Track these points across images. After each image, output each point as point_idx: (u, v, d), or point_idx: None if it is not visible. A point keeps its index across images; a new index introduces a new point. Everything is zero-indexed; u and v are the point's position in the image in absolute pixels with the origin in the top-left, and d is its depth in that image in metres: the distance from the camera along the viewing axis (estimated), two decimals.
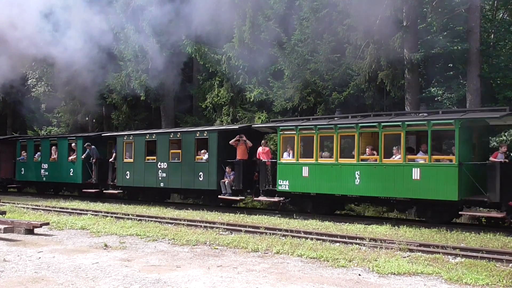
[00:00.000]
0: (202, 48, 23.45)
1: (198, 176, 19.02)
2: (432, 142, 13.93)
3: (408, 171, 14.13)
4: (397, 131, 14.49)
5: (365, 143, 15.34)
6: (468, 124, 13.82)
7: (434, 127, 13.84)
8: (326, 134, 16.01)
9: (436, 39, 19.71)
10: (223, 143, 18.44)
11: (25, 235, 12.91)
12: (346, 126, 15.59)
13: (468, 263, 9.34)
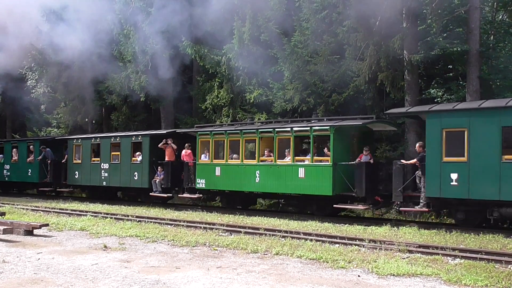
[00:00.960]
0: (202, 49, 23.44)
1: (134, 176, 21.36)
2: (314, 144, 16.38)
3: (295, 171, 16.47)
4: (288, 136, 16.92)
5: (264, 146, 17.62)
6: (344, 130, 16.07)
7: (315, 132, 16.30)
8: (234, 138, 18.33)
9: (436, 40, 19.71)
10: (155, 146, 20.71)
11: (25, 236, 12.91)
12: (249, 131, 17.92)
13: (467, 264, 9.34)
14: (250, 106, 22.56)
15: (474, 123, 13.24)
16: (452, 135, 13.61)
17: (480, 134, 13.12)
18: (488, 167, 12.92)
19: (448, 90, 19.33)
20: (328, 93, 19.79)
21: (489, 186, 12.88)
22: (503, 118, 12.87)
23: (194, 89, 26.51)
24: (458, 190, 13.32)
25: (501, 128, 12.87)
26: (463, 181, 13.23)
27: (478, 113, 13.35)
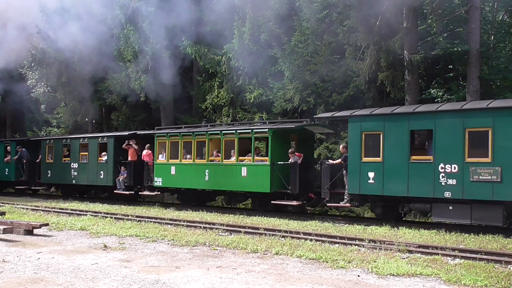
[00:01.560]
0: (202, 49, 23.46)
1: (100, 174, 22.92)
2: (256, 145, 18.09)
3: (239, 170, 17.79)
4: (232, 138, 18.15)
5: (213, 148, 18.91)
6: (281, 132, 17.40)
7: (256, 134, 17.67)
8: (187, 140, 19.68)
9: (436, 40, 19.72)
10: (119, 147, 22.18)
11: (25, 235, 12.91)
12: (200, 133, 19.27)
13: (467, 265, 9.34)
14: (250, 106, 22.58)
15: (388, 127, 14.63)
16: (370, 137, 14.97)
17: (393, 137, 14.48)
18: (398, 166, 14.25)
19: (448, 90, 19.34)
20: (328, 93, 19.81)
21: (399, 184, 14.19)
22: (412, 122, 14.31)
23: (194, 89, 26.52)
24: (374, 187, 14.67)
25: (409, 132, 14.27)
26: (379, 179, 14.59)
27: (391, 118, 14.72)
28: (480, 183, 12.94)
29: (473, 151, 13.24)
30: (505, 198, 12.60)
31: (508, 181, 12.55)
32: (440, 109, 13.98)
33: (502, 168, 12.65)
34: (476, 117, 13.32)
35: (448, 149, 13.58)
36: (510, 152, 12.60)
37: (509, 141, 12.64)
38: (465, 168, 13.20)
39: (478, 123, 13.22)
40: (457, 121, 13.53)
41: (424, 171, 13.87)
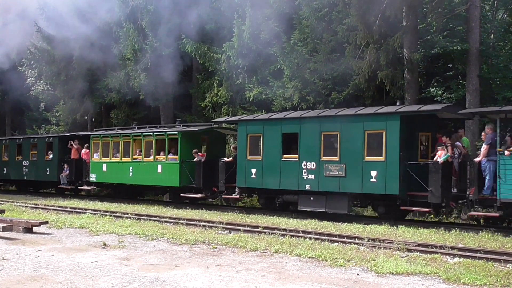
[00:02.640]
0: (202, 47, 23.44)
1: (47, 171, 25.61)
2: (170, 146, 20.33)
3: (156, 167, 20.49)
4: (150, 139, 21.01)
5: (136, 147, 21.63)
6: (190, 134, 19.93)
7: (169, 136, 20.32)
8: (116, 140, 22.47)
9: (435, 39, 19.71)
10: (63, 146, 25.03)
11: (24, 233, 12.92)
12: (126, 135, 22.06)
13: (466, 263, 9.34)
14: (249, 104, 22.57)
15: (266, 130, 17.19)
16: (253, 139, 17.58)
17: (270, 139, 17.02)
18: (274, 164, 16.83)
19: (448, 89, 19.33)
20: (327, 91, 19.79)
21: (274, 178, 16.79)
22: (283, 126, 16.83)
23: (194, 87, 26.51)
24: (256, 181, 17.27)
25: (282, 134, 16.75)
26: (259, 174, 17.21)
27: (269, 123, 17.25)
28: (331, 177, 15.54)
29: (326, 151, 15.81)
30: (349, 190, 15.21)
31: (350, 176, 15.11)
32: (303, 116, 16.51)
33: (346, 165, 15.22)
34: (329, 122, 15.91)
35: (309, 149, 16.08)
36: (352, 152, 15.16)
37: (352, 143, 15.21)
38: (320, 165, 15.75)
39: (330, 127, 15.86)
40: (315, 126, 16.10)
41: (292, 168, 16.42)
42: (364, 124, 15.15)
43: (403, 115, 14.57)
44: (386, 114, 14.82)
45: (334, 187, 15.41)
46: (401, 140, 14.37)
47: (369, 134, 14.99)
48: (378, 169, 14.59)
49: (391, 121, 14.61)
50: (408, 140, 14.83)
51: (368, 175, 14.79)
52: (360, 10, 17.75)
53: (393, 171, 14.31)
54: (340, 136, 15.48)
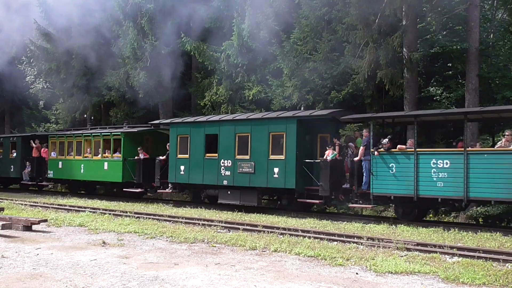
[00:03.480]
0: (201, 46, 23.42)
1: (11, 168, 27.81)
2: (115, 145, 22.53)
3: (103, 164, 22.84)
4: (99, 139, 23.37)
5: (87, 146, 24.06)
6: (132, 135, 22.21)
7: (114, 136, 22.49)
8: (70, 140, 24.84)
9: (435, 38, 19.72)
10: (25, 145, 27.05)
11: (23, 231, 12.92)
12: (78, 135, 24.51)
13: (465, 263, 9.36)
14: (249, 103, 22.54)
15: (193, 131, 19.40)
16: (182, 139, 19.72)
17: (195, 139, 19.22)
18: (198, 162, 18.97)
19: (447, 88, 19.34)
20: (327, 90, 19.77)
21: (199, 175, 18.91)
22: (206, 128, 19.12)
23: (193, 86, 26.49)
24: (184, 177, 19.51)
25: (205, 135, 18.98)
26: (187, 171, 19.36)
27: (195, 125, 19.48)
28: (243, 174, 17.68)
29: (240, 150, 17.94)
30: (257, 184, 17.37)
31: (258, 172, 17.27)
32: (222, 119, 18.83)
33: (255, 163, 17.38)
34: (242, 125, 18.11)
35: (226, 149, 18.25)
36: (259, 151, 17.31)
37: (259, 143, 17.34)
38: (235, 163, 17.94)
39: (243, 130, 17.97)
40: (231, 128, 18.30)
41: (212, 165, 18.59)
42: (269, 127, 17.30)
43: (299, 119, 16.66)
44: (286, 118, 16.95)
45: (245, 182, 17.63)
46: (298, 141, 16.52)
47: (273, 135, 17.20)
48: (280, 166, 16.81)
49: (290, 125, 16.78)
50: (306, 141, 17.01)
51: (272, 171, 17.00)
52: (359, 9, 17.75)
53: (291, 168, 16.50)
54: (250, 137, 17.71)
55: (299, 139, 16.57)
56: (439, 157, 13.92)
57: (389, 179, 14.68)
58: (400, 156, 14.63)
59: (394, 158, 14.68)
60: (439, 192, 13.76)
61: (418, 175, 14.10)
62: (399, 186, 14.46)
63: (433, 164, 13.93)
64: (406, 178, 14.30)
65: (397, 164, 14.60)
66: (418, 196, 14.07)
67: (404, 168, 14.42)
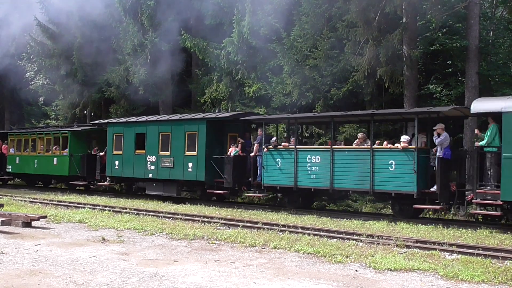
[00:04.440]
0: (201, 43, 23.41)
1: None
2: (63, 143, 25.12)
3: (52, 160, 25.37)
4: (49, 136, 26.04)
5: (40, 143, 26.46)
6: (78, 133, 24.93)
7: (62, 134, 25.22)
8: (26, 137, 27.29)
9: (435, 35, 19.70)
10: None
11: (23, 228, 12.93)
12: (33, 133, 27.22)
13: (464, 260, 9.37)
14: (249, 100, 22.54)
15: (126, 130, 21.86)
16: (117, 137, 22.11)
17: (128, 137, 21.62)
18: (130, 157, 21.35)
19: (447, 86, 19.35)
20: (327, 87, 19.78)
21: (130, 169, 21.31)
22: (136, 128, 21.57)
23: (193, 83, 26.47)
24: (119, 171, 21.83)
25: (135, 134, 21.45)
26: (120, 165, 21.71)
27: (127, 125, 21.92)
28: (165, 168, 20.01)
29: (162, 147, 20.28)
30: (176, 177, 19.63)
31: (177, 166, 19.56)
32: (148, 120, 21.16)
33: (174, 158, 19.67)
34: (164, 125, 20.45)
35: (151, 146, 20.59)
36: (178, 148, 19.61)
37: (178, 141, 19.65)
38: (158, 158, 20.26)
39: (165, 129, 20.34)
40: (156, 128, 20.71)
41: (141, 160, 20.85)
42: (185, 127, 19.63)
43: (209, 120, 19.06)
44: (198, 120, 19.37)
45: (167, 176, 19.98)
46: (208, 140, 18.85)
47: (188, 134, 19.44)
48: (193, 161, 19.13)
49: (201, 125, 19.13)
50: (215, 139, 19.18)
51: (187, 166, 19.28)
52: (359, 7, 17.73)
53: (201, 163, 18.84)
54: (171, 136, 20.00)
55: (209, 138, 18.90)
56: (312, 153, 16.26)
57: (276, 172, 16.95)
58: (284, 152, 16.88)
59: (280, 154, 16.99)
60: (313, 183, 16.07)
61: (297, 169, 16.36)
62: (283, 178, 16.76)
63: (308, 160, 16.18)
64: (289, 171, 16.57)
65: (282, 159, 16.86)
66: (297, 186, 16.42)
67: (287, 162, 16.68)
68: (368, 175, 14.82)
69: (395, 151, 14.66)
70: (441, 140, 13.86)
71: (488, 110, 13.27)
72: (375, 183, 14.76)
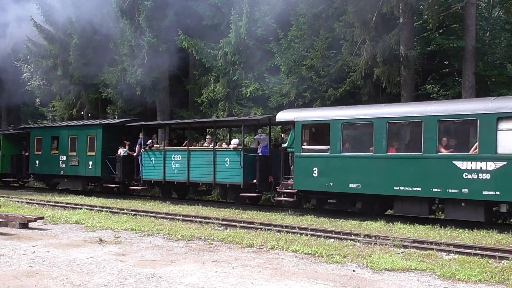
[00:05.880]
0: (199, 43, 23.39)
1: None
2: None
3: None
4: None
5: None
6: (9, 136, 28.35)
7: None
8: None
9: (432, 36, 19.74)
10: None
11: (20, 229, 12.89)
12: None
13: (461, 260, 9.38)
14: (246, 100, 22.54)
15: (44, 134, 25.76)
16: (38, 140, 25.95)
17: (45, 140, 25.55)
18: (47, 157, 25.19)
19: (444, 86, 19.39)
20: (324, 88, 19.81)
21: (48, 167, 25.13)
22: (52, 132, 25.65)
23: (190, 83, 26.45)
24: (39, 169, 25.76)
25: (51, 137, 25.42)
26: (40, 164, 25.55)
27: (45, 129, 26.26)
28: (73, 166, 23.77)
29: (71, 148, 24.11)
30: (81, 174, 23.56)
31: (81, 165, 23.41)
32: (60, 125, 25.88)
33: (79, 158, 23.54)
34: (72, 130, 24.49)
35: (63, 147, 24.58)
36: (82, 149, 23.48)
37: (82, 143, 23.49)
38: (68, 158, 24.02)
39: (73, 133, 24.31)
40: (66, 132, 24.77)
41: (55, 159, 24.68)
42: (87, 131, 23.61)
43: (104, 126, 23.16)
44: (96, 125, 23.55)
45: (74, 172, 23.81)
46: (104, 142, 22.69)
47: (89, 137, 23.29)
48: (93, 160, 22.84)
49: (98, 130, 23.16)
50: (110, 142, 22.67)
51: (88, 164, 23.08)
52: (357, 7, 17.76)
53: (98, 162, 22.66)
54: (77, 139, 23.82)
55: (104, 140, 22.78)
56: (176, 153, 20.00)
57: (151, 168, 20.71)
58: (157, 152, 20.66)
59: (154, 154, 20.77)
60: (176, 177, 19.92)
61: (166, 166, 20.09)
62: (156, 173, 20.54)
63: (173, 158, 19.95)
64: (160, 167, 20.29)
65: (155, 158, 20.63)
66: (165, 180, 20.23)
67: (159, 160, 20.44)
68: (211, 170, 18.51)
69: (229, 151, 18.34)
70: (259, 139, 17.85)
71: (286, 119, 16.62)
72: (217, 176, 18.45)
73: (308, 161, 15.60)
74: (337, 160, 15.08)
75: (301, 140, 15.84)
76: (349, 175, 14.77)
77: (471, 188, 12.62)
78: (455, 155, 13.04)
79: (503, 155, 12.24)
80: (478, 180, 12.54)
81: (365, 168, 14.51)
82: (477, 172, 12.57)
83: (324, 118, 15.68)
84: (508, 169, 12.14)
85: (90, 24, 26.63)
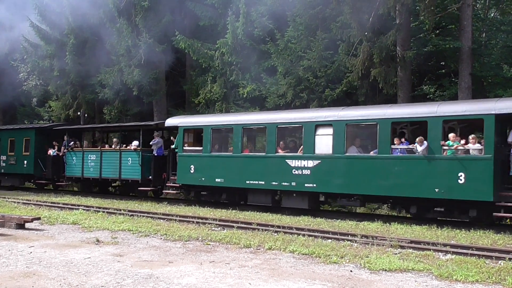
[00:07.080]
0: (195, 44, 23.39)
1: None
2: None
3: None
4: None
5: None
6: None
7: None
8: None
9: (428, 37, 19.80)
10: None
11: (16, 229, 12.85)
12: None
13: (458, 260, 9.40)
14: (243, 101, 22.54)
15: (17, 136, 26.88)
16: (11, 141, 26.93)
17: (19, 141, 26.56)
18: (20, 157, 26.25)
19: (440, 87, 19.45)
20: (321, 88, 19.84)
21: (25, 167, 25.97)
22: (9, 133, 27.54)
23: (187, 83, 26.44)
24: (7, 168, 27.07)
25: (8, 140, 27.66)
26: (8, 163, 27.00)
27: (17, 131, 27.31)
28: (11, 164, 26.56)
29: (10, 149, 26.65)
30: (18, 171, 26.14)
31: (18, 163, 26.00)
32: (2, 128, 28.32)
33: (17, 157, 26.06)
34: (12, 132, 27.28)
35: (4, 148, 26.94)
36: (19, 150, 26.18)
37: (19, 145, 26.37)
38: (8, 157, 26.70)
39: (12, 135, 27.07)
40: (7, 134, 27.23)
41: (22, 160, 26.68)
42: (23, 133, 26.45)
43: (37, 129, 26.10)
44: (30, 129, 26.57)
45: (13, 170, 26.44)
46: (36, 143, 25.41)
47: (25, 139, 26.03)
48: (27, 159, 25.70)
49: (32, 133, 26.01)
50: (42, 143, 25.51)
51: (23, 163, 25.84)
52: (353, 8, 17.80)
53: (32, 161, 25.40)
54: (15, 141, 26.48)
55: (37, 142, 25.57)
56: (92, 153, 22.98)
57: (73, 166, 23.66)
58: (77, 152, 23.53)
59: (75, 154, 23.61)
60: (91, 174, 22.79)
61: (84, 164, 23.03)
62: (76, 170, 23.48)
63: (89, 157, 22.87)
64: (79, 166, 23.28)
65: (76, 157, 23.51)
66: (84, 177, 23.15)
67: (78, 160, 23.36)
68: (118, 168, 21.38)
69: (131, 152, 21.17)
70: (154, 143, 20.32)
71: (172, 124, 19.57)
72: (122, 174, 21.42)
73: (187, 160, 18.63)
74: (207, 159, 18.16)
75: (182, 142, 18.94)
76: (215, 171, 17.85)
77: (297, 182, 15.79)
78: (287, 155, 16.21)
79: (319, 155, 15.39)
80: (302, 175, 15.72)
81: (226, 166, 17.64)
82: (302, 168, 15.71)
83: (199, 124, 18.78)
84: (322, 167, 15.28)
85: (87, 24, 26.58)
